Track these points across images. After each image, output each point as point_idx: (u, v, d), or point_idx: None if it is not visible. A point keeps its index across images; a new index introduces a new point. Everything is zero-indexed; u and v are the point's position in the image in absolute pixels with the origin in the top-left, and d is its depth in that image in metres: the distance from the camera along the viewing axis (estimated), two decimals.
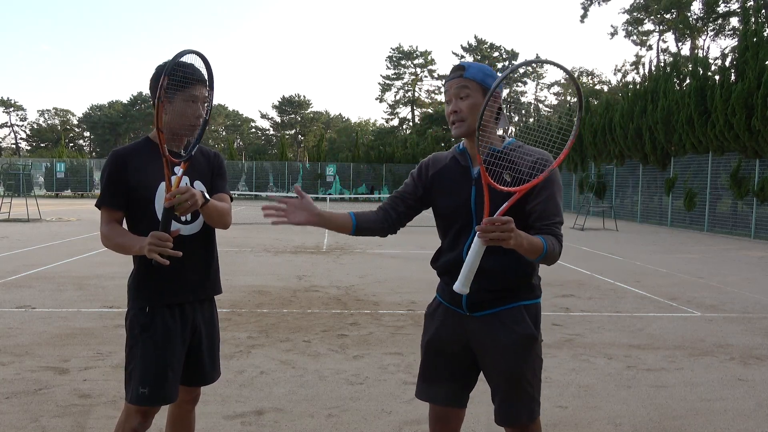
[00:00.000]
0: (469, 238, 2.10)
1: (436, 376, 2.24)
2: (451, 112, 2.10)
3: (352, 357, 4.86)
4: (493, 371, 2.14)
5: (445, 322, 2.22)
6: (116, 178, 2.24)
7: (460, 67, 2.09)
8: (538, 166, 2.02)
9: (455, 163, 2.19)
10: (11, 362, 4.53)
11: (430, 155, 2.31)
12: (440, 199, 2.20)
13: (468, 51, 60.80)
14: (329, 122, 75.46)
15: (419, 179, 2.27)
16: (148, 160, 2.25)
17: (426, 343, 2.27)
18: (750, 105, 16.83)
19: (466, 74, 2.06)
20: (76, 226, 16.88)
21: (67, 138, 69.80)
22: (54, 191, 39.20)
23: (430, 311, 2.32)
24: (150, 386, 2.21)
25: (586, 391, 4.17)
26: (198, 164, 2.39)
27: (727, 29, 39.51)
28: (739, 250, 13.97)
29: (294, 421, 3.56)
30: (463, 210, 2.12)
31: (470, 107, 2.06)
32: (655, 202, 22.92)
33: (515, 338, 2.09)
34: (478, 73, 2.07)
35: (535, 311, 2.17)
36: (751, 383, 4.43)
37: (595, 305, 7.11)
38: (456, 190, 2.15)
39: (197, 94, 2.23)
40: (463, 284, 1.91)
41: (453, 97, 2.09)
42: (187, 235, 2.30)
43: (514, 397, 2.11)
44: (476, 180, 2.10)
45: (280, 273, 9.03)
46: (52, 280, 8.00)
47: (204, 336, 2.39)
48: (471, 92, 2.06)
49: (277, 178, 41.41)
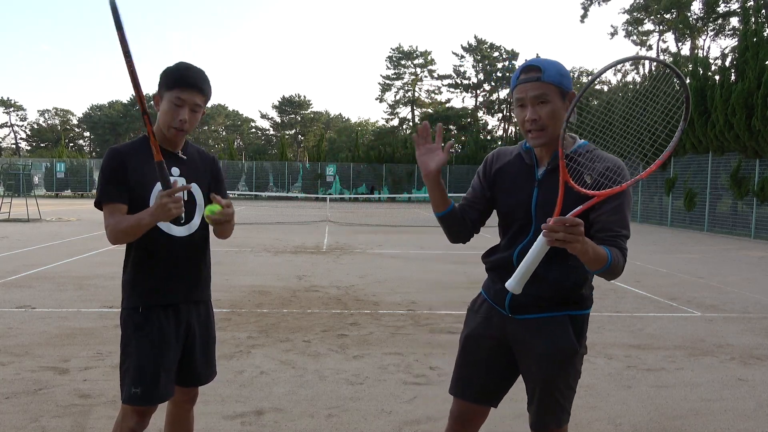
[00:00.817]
0: (525, 239, 2.04)
1: (471, 372, 2.18)
2: (529, 119, 1.93)
3: (352, 357, 4.86)
4: (528, 376, 2.10)
5: (487, 318, 2.17)
6: (118, 174, 2.23)
7: (536, 68, 1.92)
8: (609, 174, 1.89)
9: (520, 160, 2.10)
10: (11, 362, 4.53)
11: (495, 149, 2.22)
12: (501, 196, 2.12)
13: (468, 51, 60.80)
14: (329, 122, 75.48)
15: (485, 178, 2.17)
16: (145, 159, 2.24)
17: (465, 337, 2.21)
18: (750, 105, 16.83)
19: (544, 77, 1.90)
20: (76, 226, 16.88)
21: (67, 138, 69.82)
22: (54, 191, 39.22)
23: (474, 306, 2.26)
24: (143, 386, 2.20)
25: (586, 391, 4.17)
26: (195, 166, 2.39)
27: (727, 29, 39.53)
28: (739, 250, 13.97)
29: (294, 421, 3.56)
30: (522, 210, 2.04)
31: (550, 114, 1.91)
32: (655, 202, 22.92)
33: (553, 350, 2.01)
34: (556, 76, 1.91)
35: (581, 322, 2.08)
36: (751, 383, 4.43)
37: (595, 305, 7.04)
38: (517, 188, 2.07)
39: (184, 98, 2.21)
40: (517, 283, 1.81)
41: (529, 102, 1.92)
42: (183, 236, 2.30)
43: (545, 405, 2.07)
44: (539, 182, 2.01)
45: (280, 273, 9.03)
46: (52, 280, 8.00)
47: (198, 336, 2.38)
48: (550, 97, 1.91)
49: (277, 178, 41.42)
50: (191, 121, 2.26)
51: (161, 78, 2.24)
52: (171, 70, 2.23)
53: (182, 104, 2.21)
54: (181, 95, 2.20)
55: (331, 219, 20.76)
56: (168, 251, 2.27)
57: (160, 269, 2.27)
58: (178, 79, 2.20)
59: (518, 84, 1.95)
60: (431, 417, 3.64)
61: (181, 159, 2.34)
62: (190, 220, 2.33)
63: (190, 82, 2.21)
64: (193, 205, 2.34)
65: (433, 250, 12.17)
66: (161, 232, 2.26)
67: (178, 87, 2.20)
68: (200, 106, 2.26)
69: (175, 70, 2.23)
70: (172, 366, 2.28)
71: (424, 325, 5.92)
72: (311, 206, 31.41)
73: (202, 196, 2.37)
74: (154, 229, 2.23)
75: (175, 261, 2.28)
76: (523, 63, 1.99)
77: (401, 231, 17.11)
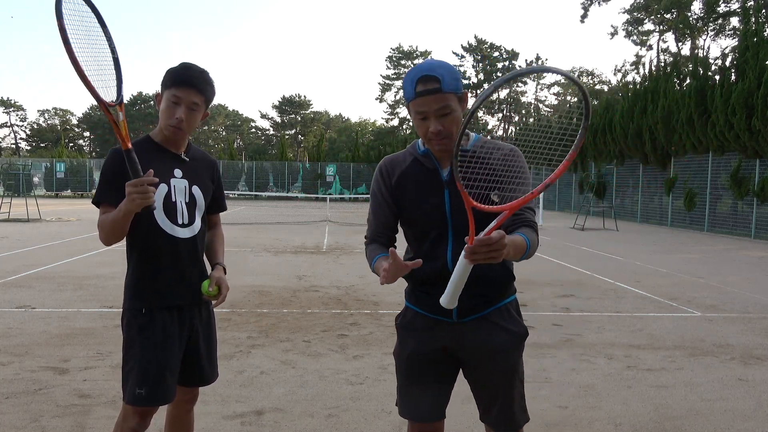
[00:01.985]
0: (448, 245, 1.98)
1: (423, 391, 2.09)
2: (435, 132, 1.88)
3: (352, 357, 4.86)
4: (487, 374, 2.05)
5: (427, 332, 2.08)
6: (118, 176, 2.20)
7: (434, 78, 1.84)
8: (509, 158, 1.91)
9: (419, 165, 2.02)
10: (11, 362, 4.53)
11: (382, 160, 2.10)
12: (409, 204, 2.03)
13: (468, 51, 60.79)
14: (329, 122, 75.47)
15: (387, 192, 2.07)
16: (148, 159, 2.23)
17: (408, 356, 2.09)
18: (750, 105, 16.83)
19: (444, 88, 1.84)
20: (76, 226, 16.88)
21: (67, 138, 69.86)
22: (54, 191, 39.22)
23: (404, 322, 2.15)
24: (147, 387, 2.20)
25: (586, 391, 4.17)
26: (198, 168, 2.40)
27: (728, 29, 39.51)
28: (739, 250, 13.97)
29: (294, 421, 3.56)
30: (437, 216, 1.98)
31: (453, 122, 1.89)
32: (655, 202, 22.92)
33: (508, 337, 2.04)
34: (453, 83, 1.86)
35: (516, 306, 2.13)
36: (751, 383, 4.43)
37: (595, 305, 7.11)
38: (426, 194, 1.99)
39: (181, 96, 2.20)
40: (450, 299, 1.77)
41: (432, 115, 1.87)
42: (187, 238, 2.31)
43: (510, 399, 2.06)
44: (447, 182, 1.97)
45: (280, 273, 9.03)
46: (52, 280, 8.00)
47: (202, 338, 2.40)
48: (452, 107, 1.87)
49: (277, 178, 41.42)
50: (189, 121, 2.24)
51: (163, 77, 2.25)
52: (172, 69, 2.24)
53: (179, 102, 2.21)
54: (178, 93, 2.20)
55: (331, 219, 20.76)
56: (171, 252, 2.27)
57: (163, 271, 2.27)
58: (177, 78, 2.20)
59: (417, 97, 1.85)
60: None
61: (183, 160, 2.34)
62: (191, 222, 2.33)
63: (188, 81, 2.21)
64: (194, 207, 2.35)
65: None
66: (164, 233, 2.26)
67: (175, 85, 2.20)
68: (198, 105, 2.25)
69: (176, 68, 2.24)
70: (176, 367, 2.29)
71: None
72: (311, 206, 31.41)
73: (203, 199, 2.38)
74: (157, 230, 2.24)
75: (178, 263, 2.29)
76: (416, 71, 1.87)
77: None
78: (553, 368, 4.62)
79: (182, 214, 2.30)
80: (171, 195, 2.28)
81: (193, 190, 2.34)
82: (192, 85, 2.21)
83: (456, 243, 1.98)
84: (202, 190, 2.38)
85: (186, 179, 2.32)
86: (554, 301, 7.23)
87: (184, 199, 2.32)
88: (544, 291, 7.88)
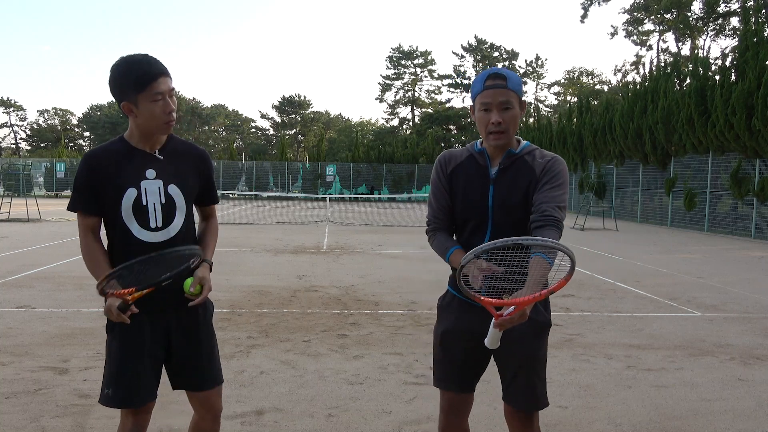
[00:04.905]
0: (485, 236, 2.17)
1: (453, 366, 2.30)
2: (494, 122, 2.11)
3: (352, 357, 4.86)
4: (512, 356, 2.20)
5: (461, 314, 2.27)
6: (88, 181, 2.17)
7: (502, 76, 2.11)
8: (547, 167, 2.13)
9: (473, 161, 2.24)
10: (11, 362, 4.53)
11: (442, 153, 2.33)
12: (458, 195, 2.24)
13: (468, 51, 60.79)
14: (329, 122, 75.44)
15: (445, 181, 2.27)
16: (120, 161, 2.18)
17: (442, 333, 2.31)
18: (750, 105, 16.83)
19: (509, 85, 2.10)
20: (75, 226, 16.82)
21: (67, 138, 69.83)
22: (54, 191, 39.22)
23: (443, 303, 2.37)
24: (113, 388, 2.18)
25: (586, 391, 4.17)
26: (175, 165, 2.27)
27: (728, 29, 39.53)
28: (739, 250, 13.97)
29: (294, 421, 3.56)
30: (479, 208, 2.19)
31: (512, 119, 2.12)
32: (655, 202, 22.91)
33: (533, 326, 2.16)
34: (518, 85, 2.13)
35: (546, 298, 2.23)
36: (751, 383, 4.43)
37: (595, 305, 7.11)
38: (474, 187, 2.20)
39: (162, 89, 2.10)
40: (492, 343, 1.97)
41: (495, 107, 2.10)
42: (161, 242, 2.21)
43: (531, 380, 2.21)
44: (494, 180, 2.18)
45: (280, 273, 9.03)
46: (52, 280, 8.00)
47: (186, 341, 2.30)
48: (513, 104, 2.11)
49: (277, 178, 41.42)
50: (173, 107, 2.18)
51: (122, 84, 2.10)
52: (130, 72, 2.08)
53: (162, 97, 2.11)
54: (158, 89, 2.09)
55: (331, 219, 20.76)
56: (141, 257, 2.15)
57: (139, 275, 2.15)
58: (144, 77, 2.07)
59: (485, 89, 2.12)
60: (431, 417, 3.64)
61: (156, 159, 2.23)
62: (168, 224, 2.23)
63: (157, 72, 2.09)
64: (172, 207, 2.24)
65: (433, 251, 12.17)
66: (134, 237, 2.19)
67: (149, 84, 2.07)
68: (173, 88, 2.17)
69: (134, 69, 2.08)
70: (144, 372, 2.21)
71: (424, 325, 5.91)
72: (311, 206, 31.41)
73: (182, 197, 2.26)
74: (126, 233, 2.18)
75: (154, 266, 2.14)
76: (487, 71, 2.15)
77: (401, 231, 17.11)
78: (553, 368, 4.62)
79: (155, 217, 2.20)
80: (141, 198, 2.18)
81: (170, 190, 2.23)
82: (160, 73, 2.10)
83: (494, 234, 2.15)
84: (181, 187, 2.25)
85: (160, 179, 2.21)
86: (554, 301, 7.23)
87: (159, 200, 2.21)
88: None
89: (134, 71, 2.08)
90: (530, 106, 62.14)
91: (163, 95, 2.12)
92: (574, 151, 28.16)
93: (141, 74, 2.07)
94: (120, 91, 2.11)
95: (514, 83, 2.11)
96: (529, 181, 2.14)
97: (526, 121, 37.88)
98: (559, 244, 1.85)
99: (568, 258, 1.81)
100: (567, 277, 1.85)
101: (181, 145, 2.34)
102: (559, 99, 63.28)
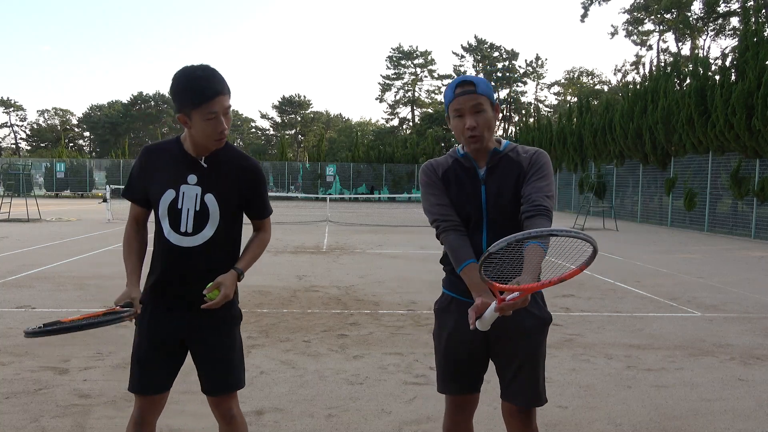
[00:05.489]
0: (482, 235, 2.20)
1: (458, 368, 2.32)
2: (468, 127, 2.16)
3: (352, 357, 4.86)
4: (513, 353, 2.23)
5: (462, 315, 2.21)
6: (139, 174, 2.29)
7: (470, 82, 2.18)
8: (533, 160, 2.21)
9: (459, 165, 2.28)
10: (11, 362, 4.53)
11: (425, 163, 2.36)
12: (451, 198, 2.27)
13: (468, 51, 60.82)
14: (329, 122, 75.47)
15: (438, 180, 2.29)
16: (169, 161, 2.25)
17: (446, 337, 2.32)
18: (750, 105, 16.83)
19: (478, 90, 2.16)
20: (76, 226, 16.88)
21: (67, 138, 69.83)
22: (54, 191, 39.22)
23: (442, 306, 2.38)
24: (131, 374, 2.33)
25: (586, 391, 4.17)
26: (218, 174, 2.27)
27: (728, 29, 39.53)
28: (739, 250, 13.97)
29: (294, 421, 3.56)
30: (474, 209, 2.22)
31: (486, 122, 2.17)
32: (655, 202, 22.91)
33: (535, 321, 2.23)
34: (488, 89, 2.19)
35: (542, 295, 2.32)
36: (751, 383, 4.43)
37: (595, 305, 7.11)
38: (465, 188, 2.24)
39: (216, 109, 2.11)
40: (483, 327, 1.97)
41: (467, 112, 2.16)
42: (184, 247, 2.25)
43: (532, 377, 2.24)
44: (484, 180, 2.23)
45: (280, 273, 9.03)
46: (52, 280, 8.00)
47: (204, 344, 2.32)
48: (485, 107, 2.17)
49: (277, 178, 41.43)
50: (227, 125, 2.21)
51: (180, 97, 2.12)
52: (188, 87, 2.10)
53: (216, 116, 2.12)
54: (212, 108, 2.10)
55: (331, 219, 20.76)
56: (168, 257, 2.27)
57: (159, 273, 2.30)
58: (201, 95, 2.08)
59: (456, 97, 2.18)
60: (431, 417, 3.64)
61: (200, 166, 2.26)
62: (197, 232, 2.25)
63: (213, 93, 2.10)
64: (205, 216, 2.25)
65: (433, 250, 12.15)
66: (164, 238, 2.27)
67: (204, 102, 2.09)
68: (230, 105, 2.19)
69: (193, 86, 2.09)
70: (153, 365, 2.30)
71: (424, 325, 5.91)
72: (311, 206, 31.41)
73: (218, 207, 2.26)
74: (160, 234, 2.29)
75: (175, 268, 2.27)
76: (456, 79, 2.23)
77: (401, 231, 17.11)
78: (553, 368, 4.62)
79: (186, 223, 2.24)
80: (177, 202, 2.23)
81: (206, 199, 2.24)
82: (218, 93, 2.11)
83: (490, 232, 2.20)
84: (218, 197, 2.26)
85: (200, 186, 2.24)
86: (554, 301, 7.22)
87: (194, 206, 2.23)
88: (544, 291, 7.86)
89: (192, 87, 2.09)
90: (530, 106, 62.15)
91: (217, 114, 2.13)
92: (574, 151, 28.15)
93: (198, 92, 2.08)
94: (177, 102, 2.15)
95: (483, 88, 2.17)
96: (518, 175, 2.19)
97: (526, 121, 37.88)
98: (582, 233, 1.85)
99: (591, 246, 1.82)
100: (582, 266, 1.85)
101: (232, 155, 2.32)
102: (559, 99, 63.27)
